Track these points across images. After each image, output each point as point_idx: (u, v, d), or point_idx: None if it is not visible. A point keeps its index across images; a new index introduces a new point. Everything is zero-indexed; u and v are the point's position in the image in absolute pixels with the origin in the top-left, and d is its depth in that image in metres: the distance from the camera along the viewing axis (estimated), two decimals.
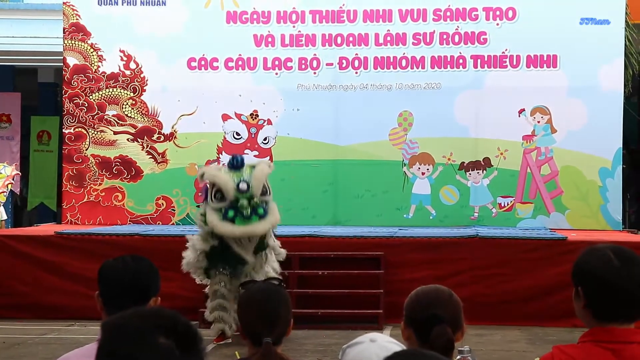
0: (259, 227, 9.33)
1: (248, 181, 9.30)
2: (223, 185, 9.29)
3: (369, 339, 2.81)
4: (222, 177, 9.34)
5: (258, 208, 9.31)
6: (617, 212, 13.37)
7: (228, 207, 9.28)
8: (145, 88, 14.11)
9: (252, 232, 9.31)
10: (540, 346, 9.31)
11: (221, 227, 9.30)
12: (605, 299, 2.71)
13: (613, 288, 2.70)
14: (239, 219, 9.24)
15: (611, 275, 2.69)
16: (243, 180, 9.28)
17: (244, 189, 9.24)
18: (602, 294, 2.71)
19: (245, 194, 9.25)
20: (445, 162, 13.63)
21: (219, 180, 9.34)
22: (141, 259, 3.33)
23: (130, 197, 14.03)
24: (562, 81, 13.44)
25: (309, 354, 9.25)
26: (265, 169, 9.63)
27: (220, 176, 9.37)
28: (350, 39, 13.82)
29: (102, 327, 1.74)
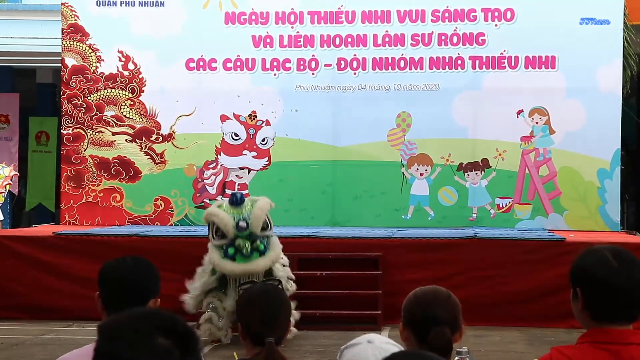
0: (259, 264, 9.50)
1: (247, 219, 9.42)
2: (222, 224, 9.46)
3: (367, 340, 2.81)
4: (221, 216, 9.50)
5: (258, 245, 9.43)
6: (616, 213, 13.37)
7: (228, 245, 9.43)
8: (144, 89, 14.11)
9: (252, 270, 9.46)
10: (539, 347, 9.31)
11: (222, 265, 9.53)
12: (603, 300, 2.71)
13: (611, 289, 2.70)
14: (239, 257, 9.39)
15: (609, 276, 2.70)
16: (242, 219, 9.40)
17: (244, 227, 9.43)
18: (601, 295, 2.71)
19: (244, 232, 9.36)
20: (444, 163, 13.63)
21: (218, 220, 9.50)
22: (142, 260, 3.34)
23: (129, 198, 14.02)
24: (561, 82, 13.45)
25: (308, 354, 9.25)
26: (265, 205, 9.79)
27: (219, 215, 9.53)
28: (349, 39, 13.82)
29: (98, 329, 1.73)
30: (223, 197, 11.47)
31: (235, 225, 9.43)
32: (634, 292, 2.72)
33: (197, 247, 11.58)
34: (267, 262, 9.57)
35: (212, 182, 13.98)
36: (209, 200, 13.87)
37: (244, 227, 9.42)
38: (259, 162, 13.95)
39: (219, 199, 11.03)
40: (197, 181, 14.00)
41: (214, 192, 13.93)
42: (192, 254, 11.46)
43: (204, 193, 13.96)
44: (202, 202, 13.94)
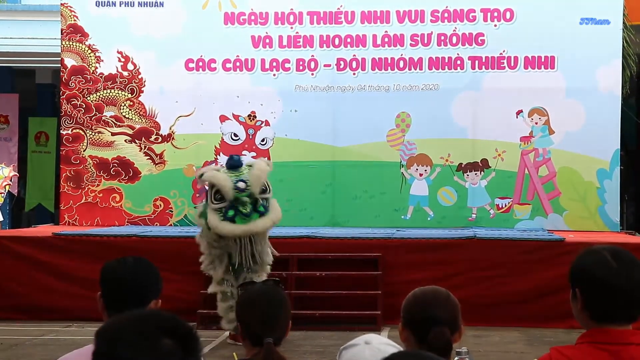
0: (259, 224, 9.37)
1: (246, 180, 9.32)
2: (221, 185, 9.32)
3: (364, 341, 2.81)
4: (220, 177, 9.36)
5: (258, 206, 9.34)
6: (615, 213, 13.37)
7: (228, 207, 9.32)
8: (143, 89, 14.11)
9: (252, 229, 9.34)
10: (538, 347, 9.31)
11: (222, 227, 9.34)
12: (602, 300, 2.71)
13: (611, 289, 2.70)
14: (239, 217, 9.28)
15: (609, 277, 2.70)
16: (241, 180, 9.30)
17: (242, 188, 9.28)
18: (600, 295, 2.72)
19: (244, 192, 9.27)
20: (443, 163, 13.63)
21: (217, 181, 9.37)
22: (143, 260, 3.34)
23: (128, 199, 14.02)
24: (560, 82, 13.45)
25: (307, 355, 9.25)
26: (263, 166, 9.67)
27: (218, 176, 9.40)
28: (348, 40, 13.83)
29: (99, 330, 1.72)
30: None
31: (234, 186, 9.33)
32: (633, 292, 2.72)
33: (197, 247, 11.59)
34: (267, 223, 9.45)
35: None
36: None
37: (242, 187, 9.29)
38: None
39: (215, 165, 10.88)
40: (197, 181, 13.98)
41: None
42: (192, 254, 11.47)
43: (204, 193, 13.93)
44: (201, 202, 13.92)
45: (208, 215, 9.47)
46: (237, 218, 9.29)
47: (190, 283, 11.15)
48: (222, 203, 9.36)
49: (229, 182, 9.31)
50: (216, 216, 9.38)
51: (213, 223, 9.38)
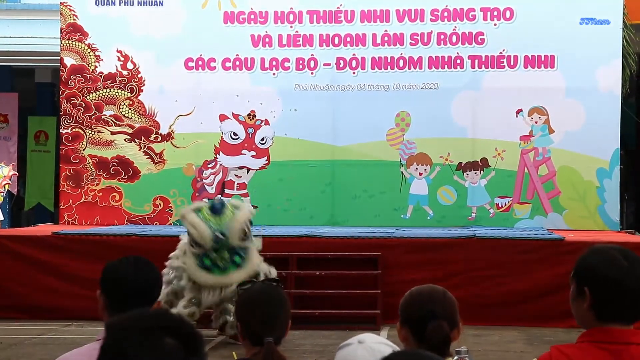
0: (233, 277, 9.35)
1: (225, 231, 9.34)
2: (199, 237, 9.39)
3: (357, 340, 2.80)
4: (200, 228, 9.39)
5: (235, 257, 9.40)
6: (615, 212, 13.37)
7: (204, 256, 9.41)
8: (143, 88, 14.10)
9: (225, 282, 9.42)
10: (538, 347, 9.31)
11: (197, 275, 9.46)
12: (612, 299, 2.71)
13: (622, 288, 2.69)
14: (215, 269, 9.40)
15: (620, 276, 2.69)
16: (220, 231, 9.33)
17: (221, 239, 9.37)
18: (611, 295, 2.70)
19: (222, 243, 9.33)
20: (443, 162, 13.63)
21: (195, 232, 9.42)
22: (143, 260, 3.33)
23: (128, 198, 14.02)
24: (560, 82, 13.45)
25: (307, 354, 9.25)
26: (244, 216, 9.68)
27: (197, 225, 9.42)
28: (348, 39, 13.82)
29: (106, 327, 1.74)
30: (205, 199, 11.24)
31: (213, 236, 9.37)
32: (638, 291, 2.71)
33: None
34: (242, 275, 9.32)
35: (211, 181, 13.98)
36: (208, 200, 13.87)
37: (220, 238, 9.36)
38: (258, 162, 13.95)
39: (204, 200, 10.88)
40: (196, 181, 14.00)
41: (213, 191, 13.93)
42: None
43: (203, 192, 13.95)
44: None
45: (187, 259, 9.56)
46: (214, 269, 9.42)
47: None
48: (199, 249, 9.43)
49: (208, 232, 9.35)
50: (193, 261, 9.48)
51: (189, 269, 9.51)
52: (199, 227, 9.40)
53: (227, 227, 9.40)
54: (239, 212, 9.65)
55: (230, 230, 9.39)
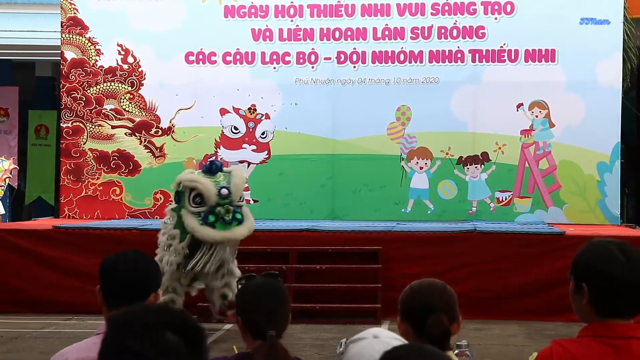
0: (238, 231, 9.42)
1: (228, 187, 9.35)
2: (205, 190, 9.32)
3: (372, 335, 2.81)
4: (204, 182, 9.37)
5: (237, 214, 9.38)
6: (615, 206, 13.37)
7: (208, 212, 9.33)
8: (143, 82, 14.10)
9: (232, 237, 9.41)
10: (538, 341, 9.32)
11: (202, 231, 9.32)
12: (610, 295, 2.70)
13: (619, 284, 2.69)
14: (220, 224, 9.32)
15: (617, 271, 2.68)
16: (224, 187, 9.33)
17: (226, 195, 9.32)
18: (608, 290, 2.70)
19: (225, 199, 9.31)
20: (443, 156, 13.63)
21: (200, 186, 9.36)
22: (142, 254, 3.33)
23: (128, 192, 14.03)
24: (561, 76, 13.44)
25: (307, 348, 9.26)
26: (243, 175, 9.79)
27: (201, 181, 9.39)
28: (349, 33, 13.81)
29: (108, 321, 1.74)
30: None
31: (218, 192, 9.34)
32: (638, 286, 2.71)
33: None
34: (245, 231, 9.49)
35: None
36: None
37: (225, 194, 9.32)
38: (259, 156, 13.95)
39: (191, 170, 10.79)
40: None
41: None
42: None
43: None
44: None
45: (185, 218, 9.42)
46: (218, 224, 9.32)
47: None
48: (201, 207, 9.36)
49: (213, 187, 9.34)
50: (194, 220, 9.36)
51: (191, 226, 9.34)
52: (203, 182, 9.37)
53: (230, 183, 9.40)
54: (236, 172, 9.68)
55: (233, 187, 9.39)
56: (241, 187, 9.56)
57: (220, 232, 9.32)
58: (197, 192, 9.37)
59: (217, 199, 9.31)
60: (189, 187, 9.45)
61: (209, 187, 9.32)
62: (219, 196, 9.31)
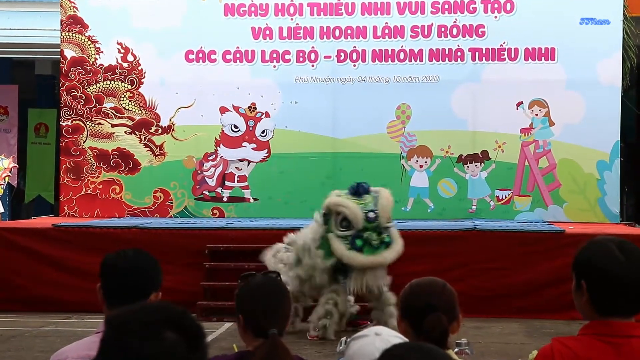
0: (386, 256, 9.33)
1: (375, 210, 9.26)
2: (351, 215, 9.25)
3: (374, 332, 2.81)
4: (351, 207, 9.28)
5: (385, 237, 9.30)
6: (615, 205, 13.37)
7: (355, 236, 9.25)
8: (143, 81, 14.09)
9: (381, 262, 9.31)
10: (538, 338, 9.31)
11: (349, 256, 9.27)
12: (609, 293, 2.70)
13: (618, 282, 2.68)
14: (368, 248, 9.23)
15: (616, 270, 2.68)
16: (371, 210, 9.23)
17: (373, 218, 9.22)
18: (607, 288, 2.70)
19: (373, 223, 9.22)
20: (443, 155, 13.63)
21: (347, 211, 9.28)
22: (143, 252, 3.33)
23: (128, 190, 14.02)
24: (560, 74, 13.43)
25: (308, 346, 9.26)
26: (389, 197, 9.61)
27: (348, 206, 9.31)
28: (349, 31, 13.81)
29: (107, 320, 1.73)
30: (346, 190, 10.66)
31: (365, 216, 9.24)
32: (638, 285, 2.71)
33: (197, 239, 11.62)
34: (393, 255, 9.39)
35: (212, 174, 13.98)
36: (208, 192, 13.89)
37: (373, 218, 9.22)
38: (259, 154, 13.95)
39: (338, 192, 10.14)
40: (197, 173, 14.00)
41: (214, 184, 13.93)
42: (192, 246, 11.51)
43: (204, 185, 13.96)
44: (201, 194, 13.94)
45: (332, 242, 9.35)
46: (366, 248, 9.24)
47: (190, 275, 11.16)
48: (348, 231, 9.28)
49: (360, 211, 9.24)
50: (341, 244, 9.29)
51: (339, 251, 9.29)
52: (351, 206, 9.29)
53: (378, 207, 9.30)
54: (383, 194, 9.55)
55: (381, 210, 9.29)
56: (388, 210, 9.43)
57: (368, 257, 9.25)
58: (344, 216, 9.30)
59: (365, 223, 9.23)
60: (335, 211, 9.39)
61: (355, 211, 9.24)
62: (366, 220, 9.23)
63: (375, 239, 9.22)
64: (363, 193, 9.45)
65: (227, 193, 13.95)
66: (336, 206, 9.39)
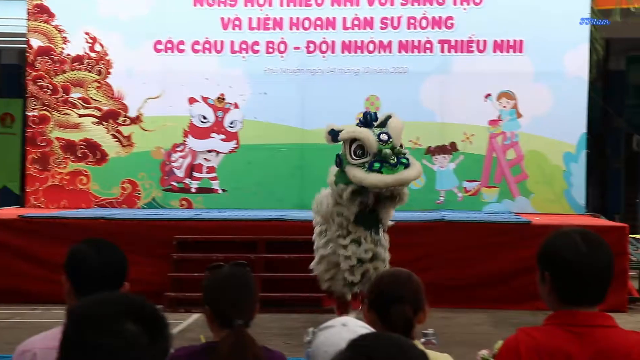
0: (406, 174, 8.90)
1: (387, 132, 8.95)
2: (365, 139, 8.86)
3: (341, 323, 2.82)
4: (362, 132, 8.94)
5: (402, 157, 8.96)
6: (581, 196, 13.50)
7: (373, 161, 8.85)
8: (111, 71, 13.99)
9: (402, 179, 8.88)
10: (504, 329, 9.38)
11: (370, 178, 8.80)
12: (571, 283, 2.73)
13: (579, 273, 2.71)
14: (386, 168, 8.81)
15: (578, 260, 2.71)
16: (383, 132, 8.94)
17: (385, 140, 8.88)
18: (570, 278, 2.73)
19: (386, 145, 8.89)
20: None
21: (359, 135, 8.92)
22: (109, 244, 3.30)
23: (95, 181, 13.93)
24: (528, 66, 13.52)
25: (275, 337, 9.27)
26: (400, 121, 9.25)
27: (359, 131, 8.98)
28: (318, 22, 13.79)
29: (67, 313, 1.72)
30: None
31: (377, 138, 8.88)
32: (601, 275, 2.74)
33: (164, 230, 11.58)
34: (414, 173, 9.00)
35: (180, 165, 13.92)
36: (176, 183, 13.84)
37: (385, 139, 8.86)
38: (227, 145, 13.91)
39: None
40: (165, 164, 13.93)
41: (182, 174, 13.88)
42: (160, 236, 11.47)
43: (172, 176, 13.90)
44: (169, 185, 13.89)
45: (349, 172, 8.93)
46: (384, 169, 8.80)
47: (157, 265, 11.12)
48: (364, 158, 8.88)
49: (372, 134, 8.91)
50: (360, 170, 8.86)
51: (359, 176, 8.81)
52: (362, 130, 8.98)
53: (389, 129, 8.99)
54: (393, 119, 9.18)
55: (393, 131, 8.98)
56: (399, 131, 9.04)
57: (390, 175, 8.78)
58: (358, 144, 8.94)
59: (379, 146, 8.86)
60: (348, 140, 9.02)
61: (368, 134, 8.88)
62: (379, 142, 8.87)
63: (392, 158, 8.83)
64: (371, 121, 9.20)
65: (196, 184, 13.90)
66: (348, 134, 9.06)
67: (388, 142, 8.91)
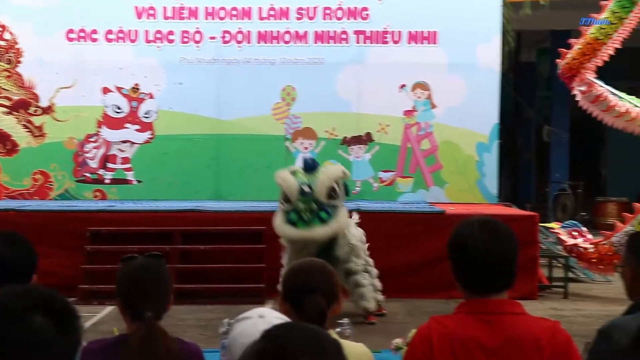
0: (318, 232, 9.03)
1: (311, 184, 9.06)
2: (287, 188, 9.07)
3: (258, 315, 2.82)
4: (288, 180, 9.10)
5: (320, 212, 9.06)
6: (493, 186, 13.76)
7: (291, 210, 9.07)
8: (21, 60, 13.68)
9: (310, 237, 9.02)
10: (419, 317, 9.52)
11: (281, 229, 9.15)
12: (472, 271, 2.78)
13: (479, 260, 2.76)
14: (300, 222, 9.02)
15: (474, 247, 2.76)
16: (306, 184, 9.03)
17: (307, 192, 8.99)
18: (469, 266, 2.78)
19: (308, 197, 9.02)
20: (328, 137, 13.73)
21: (284, 184, 9.13)
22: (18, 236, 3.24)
23: (6, 172, 13.63)
24: (442, 58, 13.69)
25: (191, 329, 9.22)
26: (334, 172, 9.33)
27: (286, 179, 9.14)
28: (234, 12, 13.72)
29: None
30: None
31: (299, 189, 9.05)
32: (502, 262, 2.79)
33: (77, 221, 11.40)
34: (327, 231, 9.07)
35: (94, 155, 13.71)
36: (90, 174, 13.63)
37: (307, 192, 8.99)
38: (142, 136, 13.75)
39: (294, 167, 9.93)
40: (78, 155, 13.70)
41: (96, 165, 13.67)
42: (72, 228, 11.28)
43: (85, 167, 13.68)
44: (82, 175, 13.67)
45: (276, 216, 9.28)
46: (299, 222, 9.04)
47: (70, 258, 10.95)
48: (288, 205, 9.12)
49: (295, 185, 9.04)
50: (280, 218, 9.17)
51: (276, 225, 9.18)
52: (288, 180, 9.11)
53: (315, 181, 9.09)
54: (327, 170, 9.35)
55: (318, 184, 9.05)
56: (326, 184, 9.08)
57: (298, 230, 9.01)
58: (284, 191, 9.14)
59: (300, 197, 9.01)
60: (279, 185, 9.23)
61: (290, 184, 9.03)
62: (300, 194, 9.01)
63: (306, 213, 9.05)
64: (310, 168, 9.32)
65: (110, 175, 13.71)
66: (277, 179, 9.30)
67: (309, 195, 9.03)
